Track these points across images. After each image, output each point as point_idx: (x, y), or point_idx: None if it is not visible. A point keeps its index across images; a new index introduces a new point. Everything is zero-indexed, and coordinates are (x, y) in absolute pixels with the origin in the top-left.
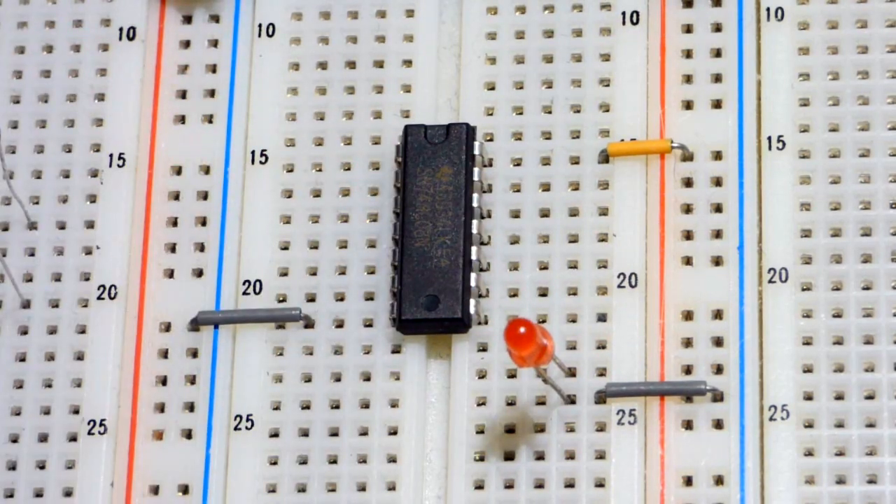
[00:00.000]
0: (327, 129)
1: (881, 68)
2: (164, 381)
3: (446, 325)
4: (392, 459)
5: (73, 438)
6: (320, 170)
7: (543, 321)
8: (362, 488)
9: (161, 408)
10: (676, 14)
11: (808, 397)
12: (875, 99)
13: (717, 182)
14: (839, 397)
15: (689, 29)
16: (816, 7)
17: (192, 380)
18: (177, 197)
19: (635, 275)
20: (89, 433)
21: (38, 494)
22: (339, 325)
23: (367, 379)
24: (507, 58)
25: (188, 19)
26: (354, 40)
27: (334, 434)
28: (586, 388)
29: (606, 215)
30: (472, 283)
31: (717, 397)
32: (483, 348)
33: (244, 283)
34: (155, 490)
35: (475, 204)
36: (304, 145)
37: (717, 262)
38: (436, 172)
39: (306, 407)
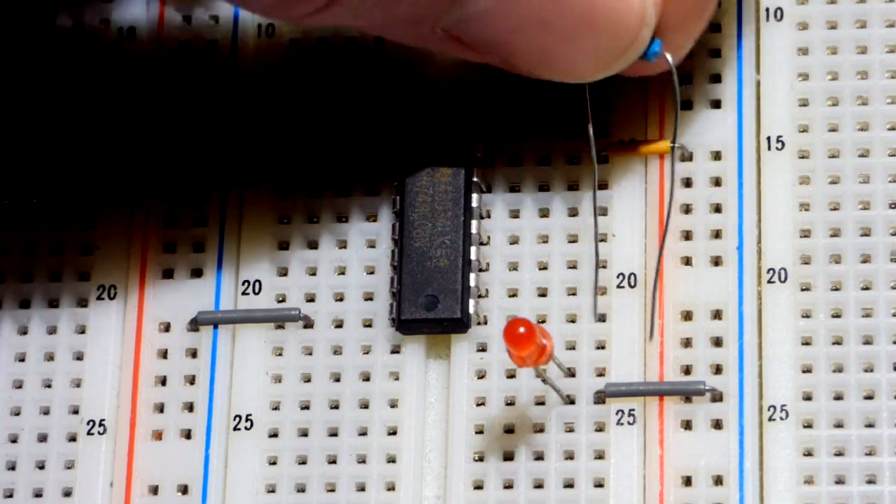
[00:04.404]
0: None
1: (880, 68)
2: (163, 381)
3: (445, 325)
4: (391, 459)
5: (73, 438)
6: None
7: (543, 321)
8: (361, 488)
9: (160, 408)
10: None
11: (808, 397)
12: (874, 99)
13: (717, 182)
14: (838, 397)
15: None
16: (815, 7)
17: (191, 380)
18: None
19: (634, 275)
20: (89, 433)
21: (38, 494)
22: (339, 325)
23: (367, 379)
24: None
25: (188, 19)
26: (354, 41)
27: (333, 434)
28: (585, 389)
29: (606, 215)
30: (472, 283)
31: (717, 397)
32: (482, 348)
33: (243, 283)
34: (154, 490)
35: (475, 204)
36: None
37: (717, 262)
38: (435, 172)
39: (305, 407)
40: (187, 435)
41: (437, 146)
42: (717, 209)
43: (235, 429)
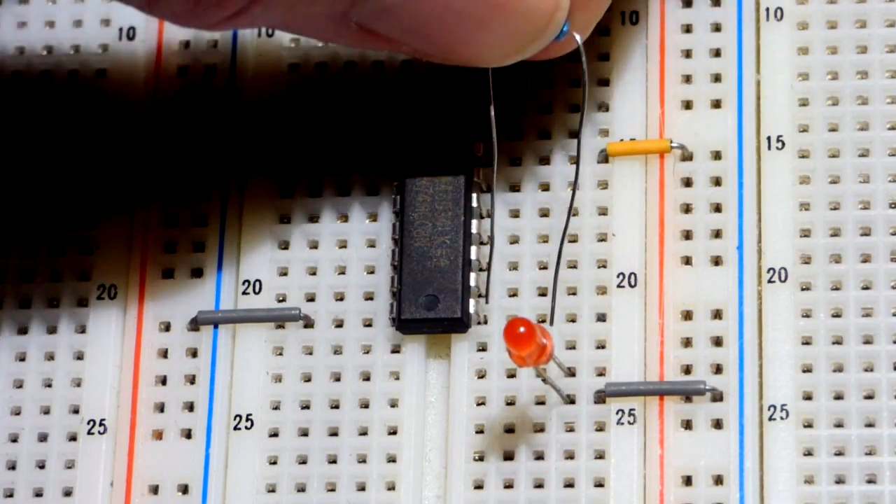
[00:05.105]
0: None
1: (880, 68)
2: (163, 381)
3: (446, 324)
4: (391, 459)
5: (73, 438)
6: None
7: (543, 321)
8: (362, 488)
9: (161, 407)
10: (676, 14)
11: (808, 397)
12: (874, 99)
13: (717, 182)
14: (838, 397)
15: (688, 29)
16: (815, 7)
17: (191, 379)
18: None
19: (635, 274)
20: (89, 433)
21: (38, 494)
22: (339, 324)
23: (367, 379)
24: None
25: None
26: None
27: (334, 434)
28: (586, 388)
29: (606, 215)
30: (472, 283)
31: (717, 397)
32: (482, 348)
33: (244, 283)
34: (154, 490)
35: (475, 204)
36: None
37: (717, 261)
38: (435, 172)
39: (306, 407)
40: (187, 435)
41: (437, 146)
42: (717, 209)
43: (236, 428)
